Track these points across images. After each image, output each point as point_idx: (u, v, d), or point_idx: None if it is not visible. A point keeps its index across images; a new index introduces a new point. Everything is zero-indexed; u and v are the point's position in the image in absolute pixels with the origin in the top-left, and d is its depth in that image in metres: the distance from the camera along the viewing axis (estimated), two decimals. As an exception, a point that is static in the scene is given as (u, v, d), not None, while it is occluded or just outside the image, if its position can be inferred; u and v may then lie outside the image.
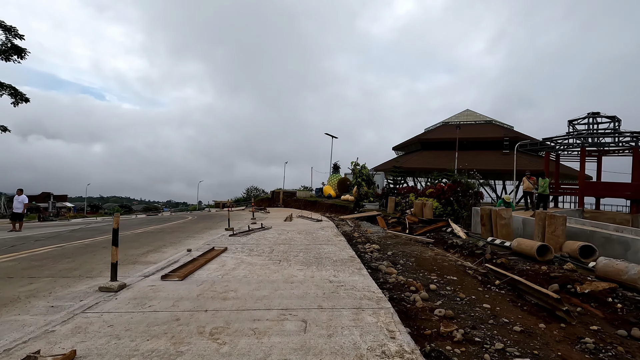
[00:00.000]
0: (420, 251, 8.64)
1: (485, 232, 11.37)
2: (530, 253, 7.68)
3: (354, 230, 12.80)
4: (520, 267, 7.41)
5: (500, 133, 45.03)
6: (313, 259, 6.81)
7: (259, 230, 11.47)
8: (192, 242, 9.08)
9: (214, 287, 4.83)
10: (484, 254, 8.79)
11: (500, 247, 9.39)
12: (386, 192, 24.51)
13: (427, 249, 9.31)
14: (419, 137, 49.28)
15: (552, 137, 17.08)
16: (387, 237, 11.31)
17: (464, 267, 7.15)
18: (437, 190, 17.76)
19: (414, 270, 6.72)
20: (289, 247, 8.11)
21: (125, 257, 7.01)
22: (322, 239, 9.72)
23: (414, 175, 43.73)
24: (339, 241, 9.20)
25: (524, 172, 13.96)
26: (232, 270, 5.83)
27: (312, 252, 7.50)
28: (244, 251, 7.60)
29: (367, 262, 7.33)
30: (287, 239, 9.51)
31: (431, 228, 13.51)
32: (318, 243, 8.86)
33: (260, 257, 6.98)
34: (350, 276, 5.46)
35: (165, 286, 4.84)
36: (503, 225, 10.44)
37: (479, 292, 5.41)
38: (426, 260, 7.49)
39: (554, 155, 18.64)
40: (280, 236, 10.14)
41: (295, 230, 11.85)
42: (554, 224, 8.42)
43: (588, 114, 16.21)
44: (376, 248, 8.97)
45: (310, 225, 13.74)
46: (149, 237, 10.53)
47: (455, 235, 11.88)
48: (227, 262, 6.43)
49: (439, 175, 24.38)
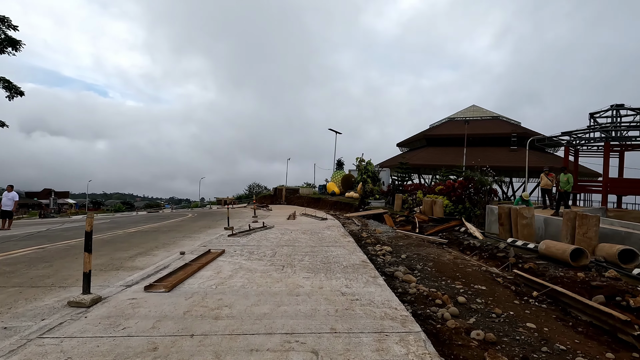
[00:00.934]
0: (437, 254, 7.86)
1: (504, 232, 10.56)
2: (562, 257, 6.88)
3: (362, 230, 12.03)
4: (552, 274, 6.61)
5: (508, 129, 44.02)
6: (320, 264, 6.05)
7: (260, 230, 10.72)
8: (188, 244, 8.34)
9: (205, 301, 4.08)
10: (507, 257, 7.99)
11: (524, 250, 8.60)
12: (392, 189, 23.70)
13: (444, 251, 8.52)
14: (425, 133, 48.31)
15: (571, 131, 16.15)
16: (397, 238, 10.53)
17: (490, 274, 6.37)
18: (447, 187, 16.93)
19: (434, 278, 5.94)
20: (293, 250, 7.35)
21: (109, 261, 6.27)
22: (328, 239, 8.96)
23: (419, 172, 42.85)
24: (348, 242, 8.43)
25: (539, 169, 13.11)
26: (229, 278, 5.08)
27: (319, 256, 6.74)
28: (243, 254, 6.84)
29: (380, 268, 6.56)
30: (290, 240, 8.76)
31: (443, 227, 12.72)
32: (325, 245, 8.10)
33: (261, 261, 6.22)
34: (365, 286, 4.69)
35: (148, 300, 4.10)
36: (524, 225, 9.63)
37: (517, 307, 4.62)
38: (446, 265, 6.71)
39: (572, 151, 17.72)
40: (284, 236, 9.39)
41: (299, 229, 11.09)
42: (586, 224, 7.61)
43: (611, 106, 15.26)
44: (388, 250, 8.20)
45: (315, 224, 12.98)
46: (142, 237, 9.81)
47: (471, 236, 11.08)
48: (224, 268, 5.68)
49: (447, 172, 23.54)
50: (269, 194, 42.52)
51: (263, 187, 50.82)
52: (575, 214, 8.00)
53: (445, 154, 41.50)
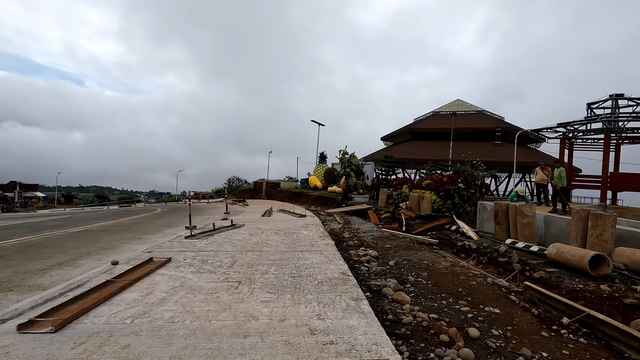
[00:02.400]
0: (431, 260, 6.67)
1: (501, 231, 9.52)
2: (579, 266, 5.80)
3: (344, 229, 10.77)
4: (569, 285, 5.52)
5: (492, 124, 43.71)
6: (289, 278, 4.72)
7: (226, 230, 9.30)
8: (131, 248, 6.86)
9: (103, 349, 2.70)
10: (510, 263, 6.89)
11: (527, 253, 7.53)
12: (377, 183, 22.57)
13: (439, 256, 7.35)
14: (409, 127, 47.54)
15: (568, 122, 15.30)
16: (383, 238, 9.33)
17: (499, 288, 5.21)
18: (435, 182, 15.88)
19: (432, 294, 4.72)
20: (259, 257, 5.98)
21: (10, 276, 4.76)
22: (304, 241, 7.64)
23: (404, 166, 42.08)
24: (326, 246, 7.13)
25: (522, 164, 12.20)
26: (158, 304, 3.69)
27: (290, 265, 5.41)
28: (194, 264, 5.43)
29: (365, 280, 5.30)
30: (259, 243, 7.39)
31: (433, 226, 11.62)
32: (299, 249, 6.78)
33: (212, 275, 4.84)
34: (345, 316, 3.40)
35: (13, 351, 2.67)
36: (525, 224, 8.59)
37: (548, 343, 3.44)
38: (444, 276, 5.51)
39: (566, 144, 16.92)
40: (252, 238, 8.01)
41: (272, 229, 9.73)
42: (602, 225, 6.56)
43: (610, 96, 14.47)
44: (373, 255, 6.96)
45: (292, 222, 11.64)
46: (82, 239, 8.22)
47: (464, 235, 10.00)
48: (158, 287, 4.28)
49: (434, 165, 22.60)
50: (249, 187, 40.81)
51: (243, 180, 48.96)
52: (588, 212, 6.95)
53: (430, 148, 40.83)
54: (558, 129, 15.79)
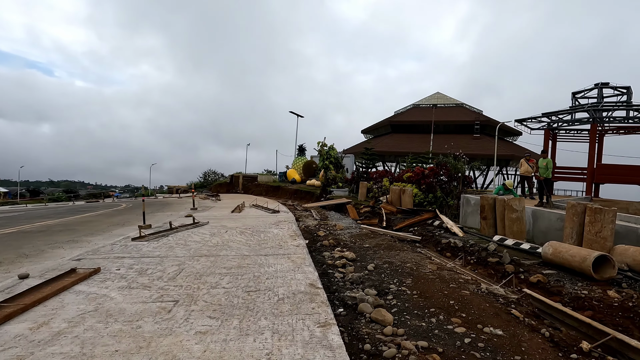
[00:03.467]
0: (415, 262, 5.86)
1: (487, 227, 8.87)
2: (581, 268, 5.12)
3: (319, 226, 9.88)
4: (570, 291, 4.83)
5: (471, 117, 43.83)
6: (242, 294, 3.76)
7: (185, 229, 8.20)
8: (59, 255, 5.70)
9: None
10: (502, 264, 6.18)
11: (517, 251, 6.86)
12: (357, 176, 21.78)
13: (423, 257, 6.55)
14: (389, 119, 47.09)
15: (553, 112, 14.89)
16: (362, 236, 8.50)
17: (495, 297, 4.43)
18: (417, 175, 15.22)
19: (418, 309, 3.88)
20: (212, 265, 4.98)
21: None
22: (272, 242, 6.68)
23: (384, 159, 41.63)
24: (296, 248, 6.20)
25: (500, 157, 11.68)
26: (48, 342, 2.64)
27: (247, 275, 4.45)
28: (127, 276, 4.38)
29: (338, 291, 4.41)
30: (218, 245, 6.37)
31: (415, 221, 10.89)
32: (263, 252, 5.81)
33: (145, 291, 3.82)
34: (306, 355, 2.49)
35: None
36: (514, 220, 7.94)
37: (572, 382, 2.65)
38: (431, 283, 4.70)
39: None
40: (212, 239, 6.97)
41: (239, 227, 8.71)
42: (601, 221, 5.93)
43: (595, 84, 14.14)
44: (350, 258, 6.08)
45: (263, 218, 10.64)
46: (6, 242, 6.94)
47: (448, 232, 9.30)
48: (62, 313, 3.22)
49: (414, 158, 22.03)
50: (226, 181, 39.31)
51: (220, 174, 47.28)
52: (585, 207, 6.32)
53: (410, 141, 40.53)
54: (542, 119, 15.42)
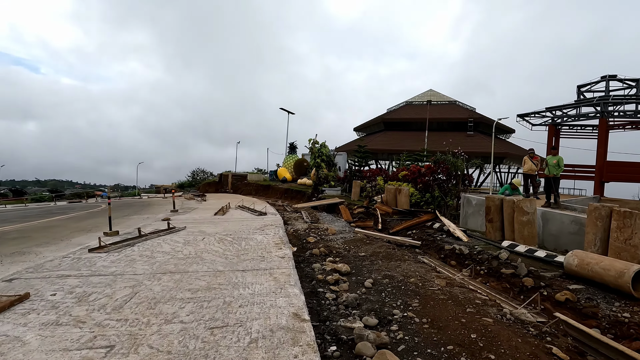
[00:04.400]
0: (420, 276, 5.02)
1: (493, 231, 8.09)
2: (618, 284, 4.34)
3: (310, 230, 8.99)
4: (609, 313, 4.03)
5: (464, 114, 43.37)
6: (202, 332, 2.86)
7: (157, 236, 7.24)
8: (-8, 272, 4.70)
9: None
10: (518, 276, 5.38)
11: (531, 260, 6.07)
12: (349, 175, 20.93)
13: (428, 269, 5.71)
14: (382, 117, 46.36)
15: (557, 106, 14.16)
16: (357, 242, 7.64)
17: (524, 326, 3.61)
18: (413, 173, 14.43)
19: (433, 347, 3.03)
20: (174, 286, 4.06)
21: None
22: (253, 252, 5.78)
23: (377, 157, 40.89)
24: (281, 260, 5.31)
25: (496, 154, 10.94)
26: None
27: (216, 301, 3.55)
28: (59, 306, 3.43)
29: (330, 318, 3.55)
30: (188, 258, 5.44)
31: (413, 224, 10.08)
32: (241, 266, 4.91)
33: (74, 330, 2.89)
34: None
35: None
36: (525, 223, 7.17)
37: None
38: (443, 306, 3.86)
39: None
40: (184, 249, 6.02)
41: (219, 233, 7.77)
42: (631, 226, 5.17)
43: (602, 77, 13.47)
44: (344, 271, 5.22)
45: (248, 222, 9.72)
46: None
47: (450, 235, 8.50)
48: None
49: (409, 156, 21.29)
50: (214, 180, 38.16)
51: (208, 173, 46.02)
52: (610, 210, 5.55)
53: (404, 139, 39.89)
54: (546, 114, 14.71)
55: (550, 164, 9.42)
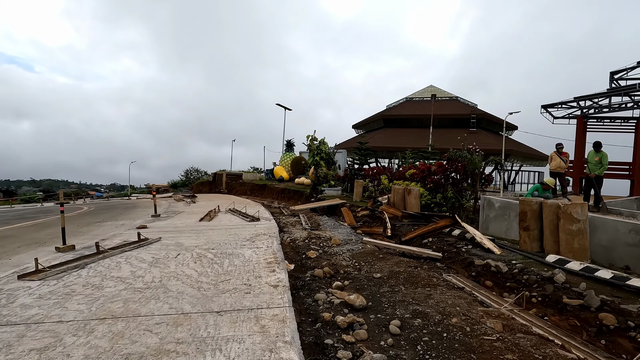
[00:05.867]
0: (462, 311, 3.69)
1: (530, 241, 6.75)
2: None
3: (310, 240, 7.62)
4: None
5: (466, 110, 42.07)
6: None
7: (122, 251, 5.83)
8: None
9: None
10: (588, 308, 4.04)
11: (591, 281, 4.72)
12: (350, 174, 19.57)
13: (468, 299, 4.35)
14: (382, 113, 45.02)
15: (586, 96, 12.79)
16: (367, 256, 6.29)
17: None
18: (422, 171, 13.10)
19: None
20: (107, 350, 2.68)
21: None
22: (236, 281, 4.40)
23: (377, 155, 39.57)
24: (273, 291, 3.94)
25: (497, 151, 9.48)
26: None
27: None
28: None
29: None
30: (148, 288, 4.05)
31: (429, 230, 8.73)
32: (217, 304, 3.53)
33: None
34: None
35: None
36: (574, 232, 5.84)
37: None
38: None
39: None
40: (147, 273, 4.64)
41: (199, 247, 6.39)
42: None
43: (638, 62, 12.16)
44: (358, 305, 3.86)
45: (237, 230, 8.34)
46: None
47: (475, 245, 7.16)
48: None
49: (415, 153, 19.99)
50: (208, 180, 36.70)
51: (202, 172, 44.51)
52: None
53: (404, 135, 38.63)
54: (573, 103, 13.36)
55: (591, 161, 8.12)
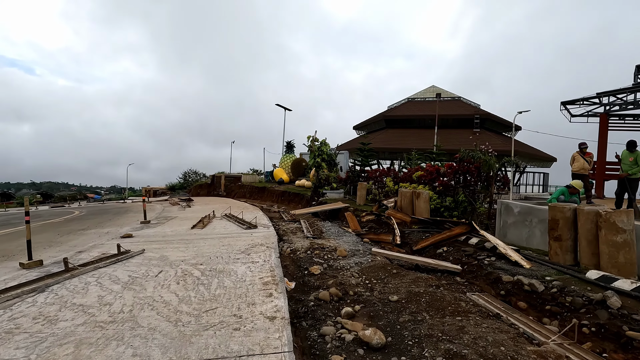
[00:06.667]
0: (511, 356, 2.89)
1: (562, 252, 5.95)
2: None
3: (312, 251, 6.82)
4: None
5: (469, 111, 41.33)
6: None
7: (94, 267, 5.03)
8: None
9: None
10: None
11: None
12: (352, 176, 18.78)
13: (514, 334, 3.57)
14: (383, 114, 44.26)
15: (611, 91, 12.02)
16: (379, 271, 5.49)
17: None
18: (430, 173, 12.31)
19: None
20: None
21: None
22: (224, 310, 3.61)
23: (378, 156, 38.80)
24: (269, 327, 3.14)
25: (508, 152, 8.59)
26: None
27: None
28: None
29: None
30: (112, 323, 3.25)
31: (442, 239, 7.93)
32: (194, 352, 2.73)
33: None
34: None
35: None
36: (620, 245, 5.04)
37: None
38: None
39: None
40: (115, 301, 3.84)
41: (186, 261, 5.59)
42: None
43: None
44: (375, 344, 3.06)
45: (231, 240, 7.53)
46: None
47: (498, 256, 6.36)
48: None
49: (420, 154, 19.20)
50: (207, 182, 35.90)
51: (201, 174, 43.71)
52: None
53: (406, 136, 37.87)
54: (595, 99, 12.52)
55: (624, 161, 7.33)
